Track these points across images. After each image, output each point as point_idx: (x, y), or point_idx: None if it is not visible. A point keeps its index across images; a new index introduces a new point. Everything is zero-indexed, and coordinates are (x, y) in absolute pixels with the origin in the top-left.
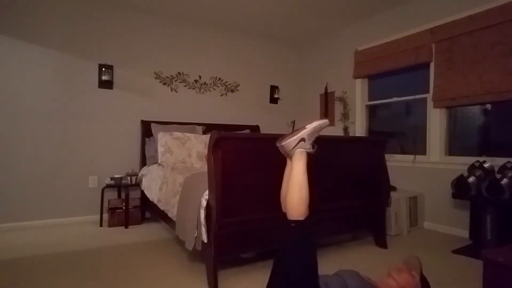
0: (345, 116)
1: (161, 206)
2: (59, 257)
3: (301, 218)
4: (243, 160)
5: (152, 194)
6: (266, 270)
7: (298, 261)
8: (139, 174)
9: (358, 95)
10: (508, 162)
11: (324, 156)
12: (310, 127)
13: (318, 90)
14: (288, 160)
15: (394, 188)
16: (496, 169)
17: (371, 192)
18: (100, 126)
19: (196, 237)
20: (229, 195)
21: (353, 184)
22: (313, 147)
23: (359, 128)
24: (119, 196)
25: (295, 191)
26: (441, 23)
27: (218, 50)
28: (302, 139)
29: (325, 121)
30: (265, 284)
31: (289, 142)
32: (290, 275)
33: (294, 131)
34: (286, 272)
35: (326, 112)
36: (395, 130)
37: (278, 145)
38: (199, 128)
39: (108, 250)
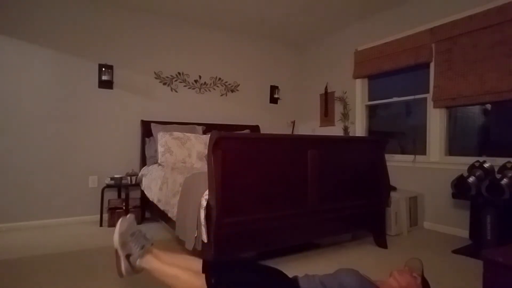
0: (345, 116)
1: (161, 206)
2: (59, 257)
3: (209, 283)
4: (243, 160)
5: (152, 194)
6: None
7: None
8: (139, 174)
9: (358, 95)
10: (508, 162)
11: (324, 156)
12: (116, 244)
13: (318, 90)
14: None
15: (394, 188)
16: (496, 169)
17: (371, 192)
18: (100, 126)
19: (196, 237)
20: (229, 195)
21: (353, 184)
22: (146, 239)
23: (359, 128)
24: (119, 196)
25: (177, 284)
26: (441, 23)
27: (218, 50)
28: (127, 255)
29: (120, 220)
30: None
31: (125, 268)
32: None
33: (116, 257)
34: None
35: (326, 112)
36: (395, 130)
37: (123, 277)
38: (199, 128)
39: (108, 250)
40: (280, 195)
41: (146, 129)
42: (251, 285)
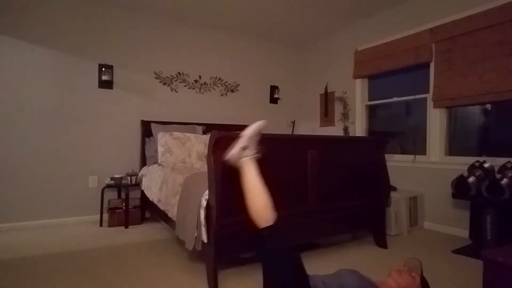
0: (345, 116)
1: (161, 206)
2: (59, 257)
3: (270, 223)
4: None
5: (152, 194)
6: None
7: (280, 265)
8: (139, 174)
9: (358, 95)
10: (508, 162)
11: (324, 156)
12: (246, 133)
13: (318, 90)
14: (240, 171)
15: (394, 188)
16: (496, 169)
17: (371, 192)
18: (100, 126)
19: (196, 237)
20: (229, 195)
21: (353, 184)
22: (260, 149)
23: (359, 128)
24: (119, 196)
25: (254, 199)
26: (441, 23)
27: (218, 50)
28: (244, 147)
29: (261, 122)
30: None
31: (233, 154)
32: (278, 281)
33: (235, 141)
34: (273, 278)
35: (326, 112)
36: (395, 130)
37: (225, 159)
38: (199, 128)
39: (108, 250)
40: (280, 195)
41: (146, 129)
42: (286, 267)
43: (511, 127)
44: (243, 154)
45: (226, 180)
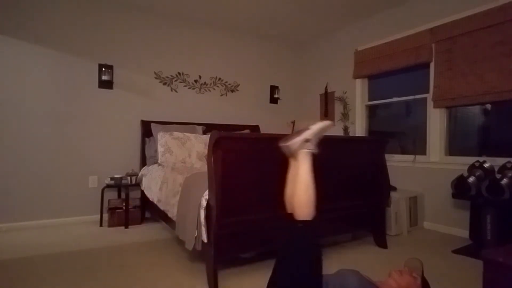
0: (345, 116)
1: (161, 206)
2: (59, 257)
3: (308, 218)
4: (243, 160)
5: (152, 194)
6: (266, 270)
7: (304, 260)
8: (139, 174)
9: (358, 95)
10: (508, 162)
11: (324, 156)
12: (314, 128)
13: (318, 90)
14: (292, 161)
15: (394, 188)
16: (496, 169)
17: (371, 192)
18: (100, 126)
19: (196, 237)
20: (229, 195)
21: (353, 184)
22: (317, 148)
23: (359, 128)
24: (119, 196)
25: (302, 192)
26: (441, 23)
27: (218, 50)
28: (307, 140)
29: (330, 122)
30: (265, 284)
31: (294, 142)
32: (295, 274)
33: (298, 131)
34: (291, 271)
35: (326, 112)
36: (395, 130)
37: (282, 145)
38: (199, 128)
39: (108, 250)
40: (280, 195)
41: (146, 129)
42: (310, 262)
43: (511, 127)
44: (304, 146)
45: (226, 180)
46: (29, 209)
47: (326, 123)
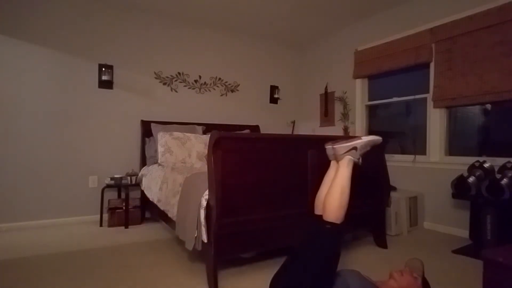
0: (345, 116)
1: (161, 206)
2: (59, 257)
3: (337, 222)
4: (243, 160)
5: (152, 194)
6: (266, 270)
7: (324, 261)
8: (139, 174)
9: (358, 95)
10: (508, 162)
11: (324, 156)
12: (365, 139)
13: (318, 90)
14: (332, 163)
15: (394, 188)
16: (496, 169)
17: (371, 192)
18: (100, 126)
19: (196, 237)
20: (229, 195)
21: (353, 184)
22: (361, 158)
23: (359, 128)
24: (119, 196)
25: (337, 195)
26: (441, 23)
27: (218, 50)
28: (355, 148)
29: (380, 138)
30: (266, 284)
31: (342, 146)
32: (312, 270)
33: (348, 139)
34: (307, 270)
35: (326, 112)
36: (395, 130)
37: (329, 146)
38: (199, 128)
39: (108, 250)
40: (280, 195)
41: (146, 129)
42: (329, 264)
43: (511, 127)
44: (350, 153)
45: (226, 180)
46: (29, 209)
47: (377, 137)
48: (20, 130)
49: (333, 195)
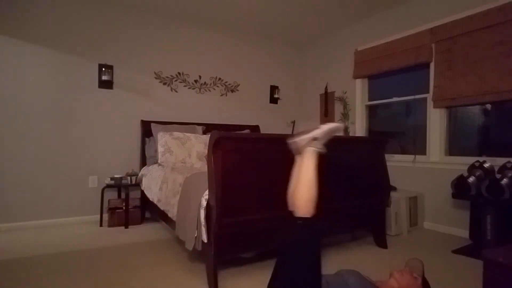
0: (345, 116)
1: (161, 206)
2: (59, 257)
3: (308, 216)
4: (243, 160)
5: (152, 194)
6: (266, 270)
7: (303, 258)
8: (139, 174)
9: (358, 95)
10: (508, 162)
11: (324, 156)
12: (324, 127)
13: (318, 90)
14: (297, 158)
15: (394, 188)
16: (496, 169)
17: (371, 192)
18: (100, 126)
19: (196, 237)
20: (229, 195)
21: (353, 184)
22: (325, 148)
23: (359, 128)
24: (119, 196)
25: (304, 189)
26: (441, 23)
27: (218, 50)
28: (315, 138)
29: (340, 124)
30: (266, 284)
31: (302, 139)
32: (294, 272)
33: (308, 130)
34: (290, 269)
35: (326, 112)
36: (395, 130)
37: (290, 141)
38: (199, 128)
39: (108, 250)
40: (280, 195)
41: (146, 129)
42: (309, 260)
43: (511, 127)
44: (311, 144)
45: (226, 180)
46: (29, 209)
47: (336, 124)
48: (20, 130)
49: (300, 189)
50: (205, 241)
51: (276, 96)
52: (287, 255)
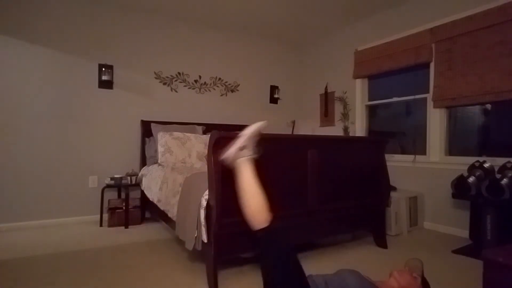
0: (345, 116)
1: (161, 206)
2: (59, 257)
3: (265, 225)
4: None
5: (152, 194)
6: None
7: (277, 270)
8: (139, 174)
9: (358, 95)
10: (508, 162)
11: (324, 156)
12: (246, 133)
13: (318, 90)
14: (235, 172)
15: (394, 188)
16: (496, 169)
17: (371, 192)
18: (100, 126)
19: (196, 237)
20: (229, 195)
21: (353, 184)
22: (258, 150)
23: (359, 128)
24: (119, 196)
25: (250, 200)
26: (441, 23)
27: (218, 50)
28: (242, 147)
29: (262, 122)
30: None
31: (229, 153)
32: (276, 282)
33: (233, 140)
34: (271, 282)
35: (326, 112)
36: (395, 130)
37: (220, 159)
38: (199, 128)
39: (108, 250)
40: (280, 195)
41: (146, 129)
42: (286, 263)
43: (511, 127)
44: (240, 154)
45: (226, 180)
46: (29, 209)
47: (257, 124)
48: (20, 130)
49: (247, 202)
50: (205, 241)
51: (276, 96)
52: (262, 269)
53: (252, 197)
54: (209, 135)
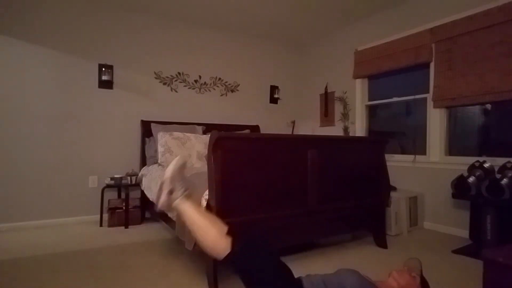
0: (345, 116)
1: None
2: (59, 257)
3: (228, 251)
4: (243, 160)
5: (152, 194)
6: None
7: (262, 279)
8: (139, 174)
9: (358, 95)
10: (508, 162)
11: (324, 156)
12: (167, 175)
13: (318, 90)
14: (178, 214)
15: (394, 188)
16: (496, 169)
17: (371, 192)
18: (100, 126)
19: None
20: (229, 195)
21: (353, 184)
22: (187, 184)
23: (359, 128)
24: (119, 196)
25: (204, 236)
26: (441, 23)
27: (218, 50)
28: (171, 191)
29: (177, 159)
30: None
31: (162, 202)
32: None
33: (160, 187)
34: None
35: (326, 112)
36: (395, 130)
37: (157, 209)
38: (199, 128)
39: (108, 250)
40: (280, 195)
41: (146, 129)
42: (264, 274)
43: (511, 127)
44: (172, 198)
45: (226, 180)
46: (29, 209)
47: (173, 163)
48: (20, 130)
49: (202, 238)
50: None
51: (276, 96)
52: (247, 283)
53: (205, 231)
54: (209, 135)
